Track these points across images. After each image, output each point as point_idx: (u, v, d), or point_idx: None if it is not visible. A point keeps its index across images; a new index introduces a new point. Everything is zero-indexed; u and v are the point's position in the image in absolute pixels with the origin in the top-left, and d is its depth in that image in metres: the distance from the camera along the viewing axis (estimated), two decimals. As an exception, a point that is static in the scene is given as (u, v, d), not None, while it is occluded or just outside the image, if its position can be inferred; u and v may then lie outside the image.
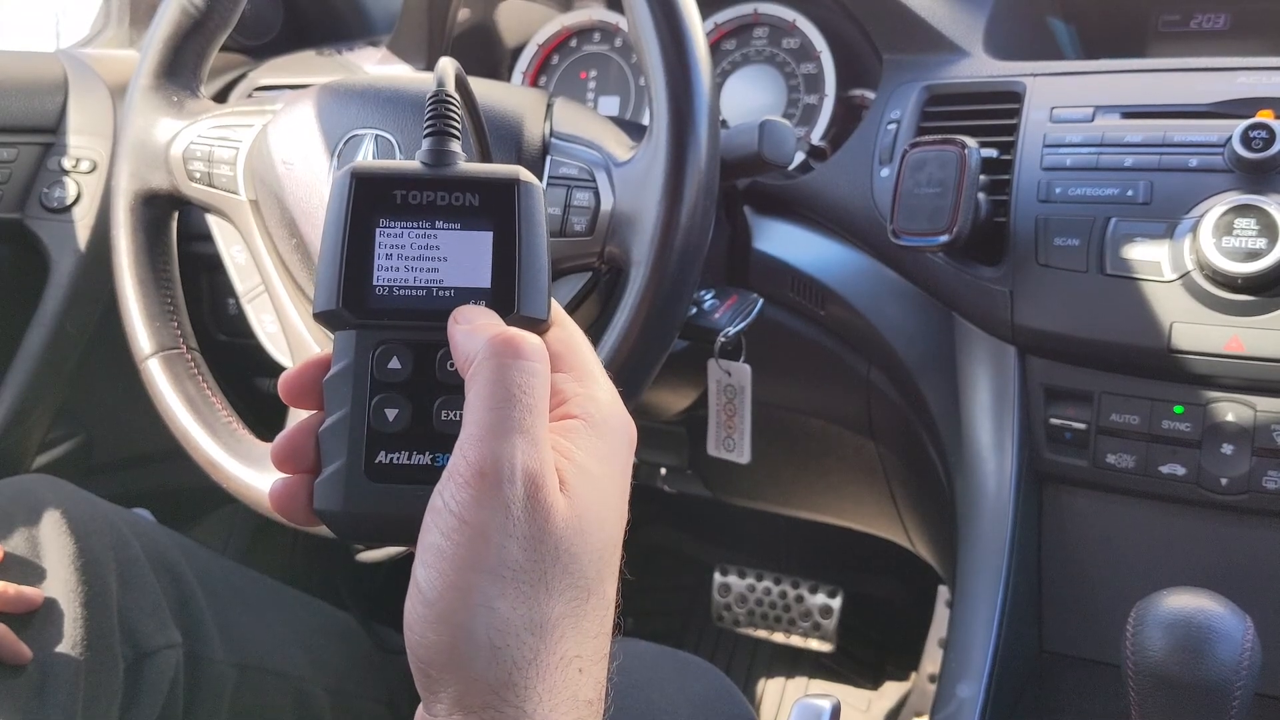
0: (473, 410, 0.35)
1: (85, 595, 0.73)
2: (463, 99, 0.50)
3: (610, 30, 1.11)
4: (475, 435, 0.35)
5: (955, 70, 0.90)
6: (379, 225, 0.39)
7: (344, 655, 0.96)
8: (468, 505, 0.34)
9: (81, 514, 0.77)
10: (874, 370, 0.94)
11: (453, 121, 0.41)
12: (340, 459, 0.38)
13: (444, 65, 0.43)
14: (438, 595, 0.34)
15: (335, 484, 0.38)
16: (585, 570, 0.36)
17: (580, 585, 0.36)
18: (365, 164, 0.40)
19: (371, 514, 0.38)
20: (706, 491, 1.26)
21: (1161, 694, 0.58)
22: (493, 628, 0.34)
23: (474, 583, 0.34)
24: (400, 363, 0.39)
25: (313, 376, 0.40)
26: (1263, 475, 0.73)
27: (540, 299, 0.39)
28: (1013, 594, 0.78)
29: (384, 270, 0.39)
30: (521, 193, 0.39)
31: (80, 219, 1.12)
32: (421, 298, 0.39)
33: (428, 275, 0.39)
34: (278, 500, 0.40)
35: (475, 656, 0.34)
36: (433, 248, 0.39)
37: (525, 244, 0.39)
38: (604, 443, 0.38)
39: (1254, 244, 0.69)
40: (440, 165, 0.40)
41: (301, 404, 0.40)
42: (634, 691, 0.68)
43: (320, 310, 0.39)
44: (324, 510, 0.39)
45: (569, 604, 0.35)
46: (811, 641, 1.45)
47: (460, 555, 0.34)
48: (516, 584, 0.34)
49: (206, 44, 0.79)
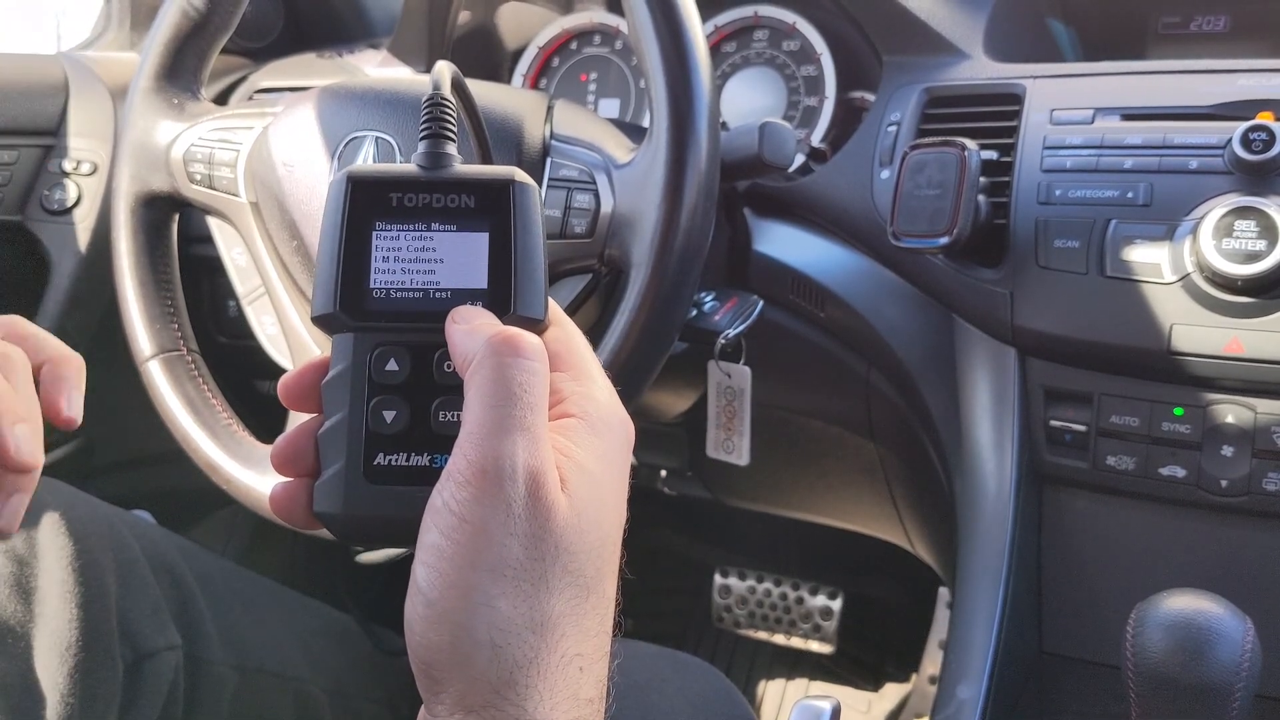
0: (472, 409, 0.35)
1: (84, 597, 0.73)
2: (462, 102, 0.50)
3: (610, 33, 1.11)
4: (475, 434, 0.35)
5: (955, 72, 0.90)
6: (375, 228, 0.39)
7: (344, 657, 0.96)
8: (467, 504, 0.34)
9: (81, 515, 0.77)
10: (874, 372, 0.94)
11: (447, 124, 0.41)
12: (339, 461, 0.38)
13: (440, 69, 0.43)
14: (438, 594, 0.34)
15: (334, 486, 0.38)
16: (585, 568, 0.36)
17: (580, 583, 0.36)
18: (361, 168, 0.40)
19: (370, 516, 0.38)
20: (707, 493, 1.26)
21: (1162, 695, 0.58)
22: (494, 626, 0.34)
23: (474, 581, 0.34)
24: (398, 364, 0.39)
25: (312, 380, 0.40)
26: (1263, 477, 0.73)
27: (537, 299, 0.39)
28: (1013, 595, 0.78)
29: (380, 273, 0.39)
30: (516, 193, 0.40)
31: (81, 221, 1.12)
32: (418, 300, 0.39)
33: (424, 277, 0.39)
34: (278, 504, 0.40)
35: (476, 655, 0.34)
36: (429, 250, 0.39)
37: (521, 244, 0.39)
38: (602, 442, 0.38)
39: (1254, 246, 0.69)
40: (436, 168, 0.40)
41: (301, 407, 0.40)
42: (634, 693, 0.68)
43: (318, 314, 0.39)
44: (323, 513, 0.39)
45: (569, 602, 0.35)
46: (812, 643, 1.45)
47: (460, 554, 0.34)
48: (517, 582, 0.34)
49: (207, 46, 0.79)
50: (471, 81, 0.49)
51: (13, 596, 0.71)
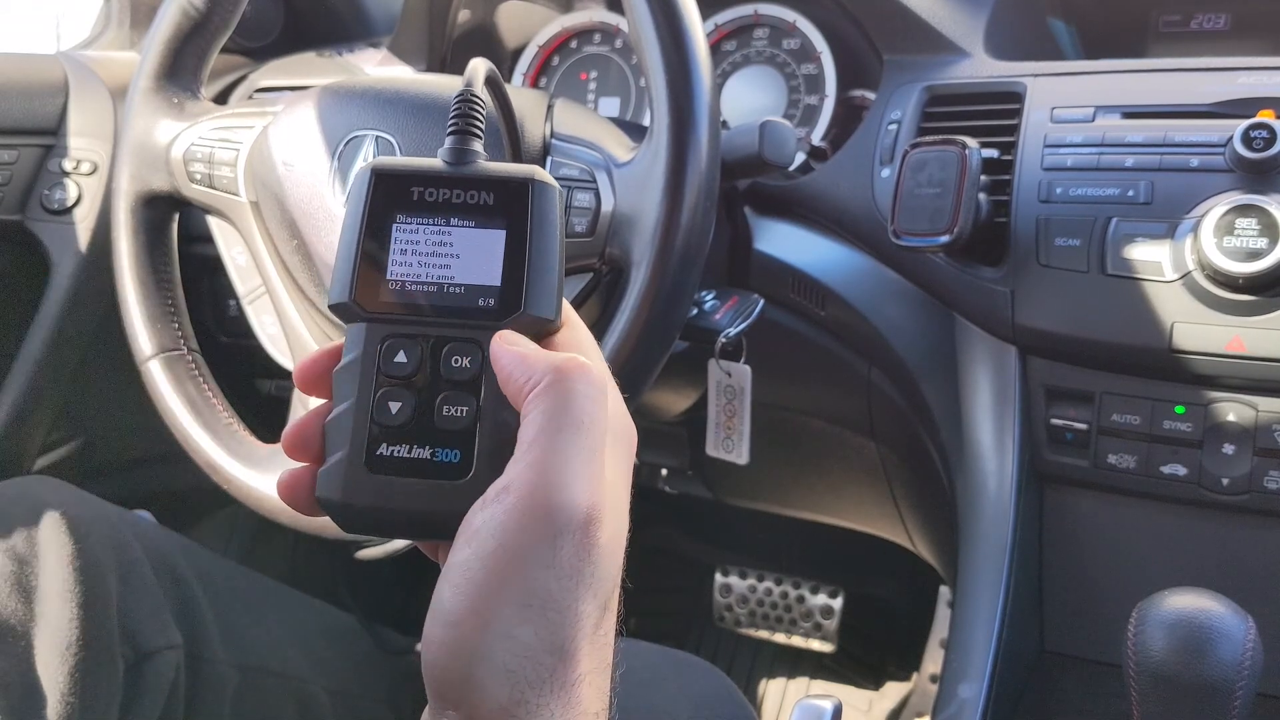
0: (531, 433, 0.34)
1: (85, 596, 0.73)
2: (496, 100, 0.50)
3: (611, 31, 1.11)
4: (537, 461, 0.34)
5: (956, 71, 0.90)
6: (396, 221, 0.40)
7: (345, 656, 0.96)
8: (511, 530, 0.33)
9: (82, 515, 0.77)
10: (875, 371, 0.94)
11: (476, 120, 0.41)
12: (343, 449, 0.38)
13: (475, 65, 0.43)
14: (460, 618, 0.33)
15: (336, 474, 0.38)
16: (605, 588, 0.35)
17: (599, 603, 0.35)
18: (387, 161, 0.41)
19: (369, 506, 0.38)
20: (708, 492, 1.26)
21: (1163, 694, 0.58)
22: (511, 653, 0.33)
23: (500, 611, 0.33)
24: (407, 357, 0.39)
25: (326, 365, 0.40)
26: (1264, 475, 0.73)
27: (549, 299, 0.40)
28: (1014, 594, 0.78)
29: (398, 265, 0.39)
30: (535, 193, 0.40)
31: (81, 221, 1.12)
32: (433, 293, 0.39)
33: (440, 271, 0.39)
34: (284, 488, 0.40)
35: (490, 680, 0.33)
36: (446, 244, 0.40)
37: (536, 244, 0.39)
38: (616, 452, 0.37)
39: (1255, 244, 0.69)
40: (460, 163, 0.41)
41: (314, 392, 0.41)
42: (635, 692, 0.68)
43: (334, 302, 0.40)
44: (323, 498, 0.39)
45: (590, 623, 0.35)
46: (813, 642, 1.45)
47: (491, 580, 0.33)
48: (543, 611, 0.33)
49: (207, 46, 0.79)
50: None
51: (14, 596, 0.71)
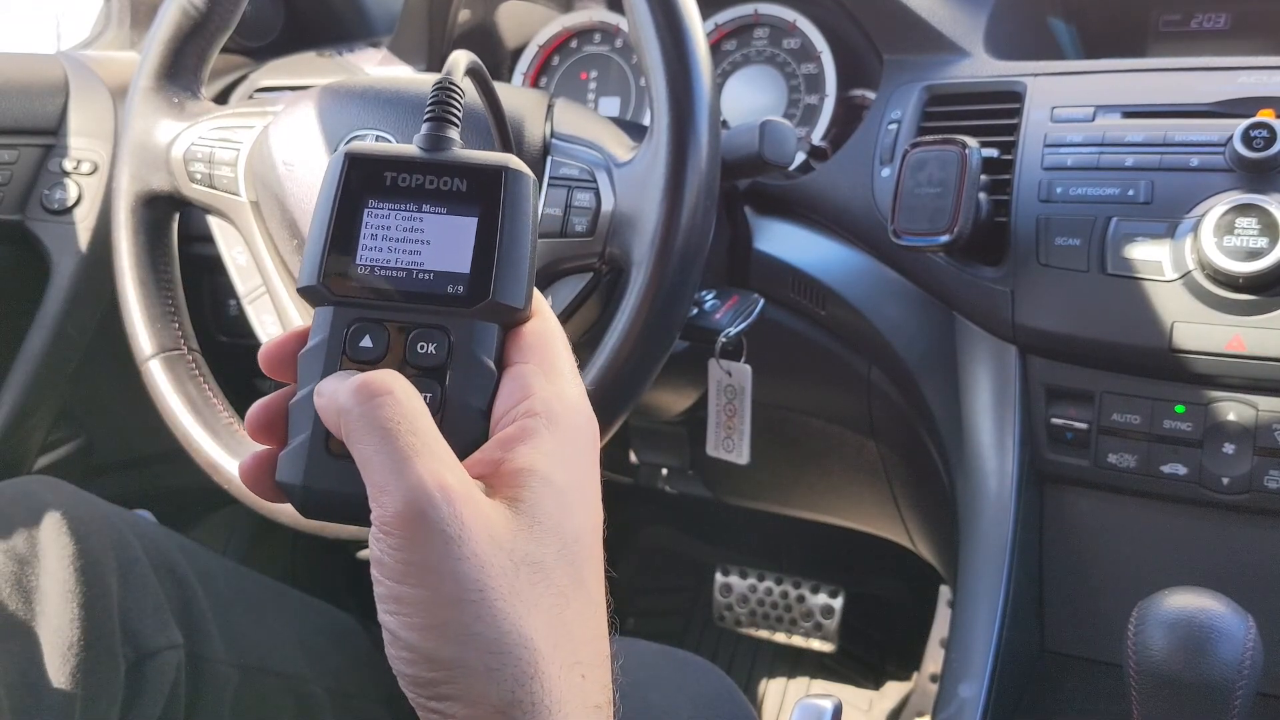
0: (363, 463, 0.35)
1: (85, 596, 0.73)
2: (483, 91, 0.50)
3: (611, 31, 1.11)
4: (376, 482, 0.34)
5: (956, 70, 0.90)
6: (367, 206, 0.40)
7: (344, 656, 0.96)
8: (404, 548, 0.34)
9: (82, 515, 0.77)
10: (875, 370, 0.94)
11: (452, 108, 0.41)
12: (304, 433, 0.38)
13: (456, 56, 0.43)
14: (418, 638, 0.34)
15: (297, 457, 0.38)
16: (554, 576, 0.35)
17: (555, 591, 0.35)
18: (361, 146, 0.41)
19: (328, 490, 0.38)
20: (708, 492, 1.26)
21: (1163, 693, 0.58)
22: (482, 650, 0.33)
23: (446, 617, 0.33)
24: (372, 341, 0.39)
25: (292, 349, 0.40)
26: (1264, 475, 0.73)
27: (518, 287, 0.39)
28: (1014, 594, 0.78)
29: (368, 250, 0.39)
30: (508, 180, 0.40)
31: (81, 221, 1.12)
32: (401, 279, 0.39)
33: (409, 257, 0.39)
34: (246, 472, 0.39)
35: (473, 682, 0.33)
36: (417, 230, 0.39)
37: (507, 232, 0.39)
38: (564, 442, 0.38)
39: (1255, 243, 0.69)
40: (435, 150, 0.40)
41: (279, 375, 0.40)
42: (635, 691, 0.68)
43: (302, 285, 0.40)
44: (283, 483, 0.39)
45: (550, 612, 0.35)
46: (813, 642, 1.45)
47: (419, 596, 0.33)
48: (487, 604, 0.33)
49: (207, 45, 0.79)
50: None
51: (14, 596, 0.71)
